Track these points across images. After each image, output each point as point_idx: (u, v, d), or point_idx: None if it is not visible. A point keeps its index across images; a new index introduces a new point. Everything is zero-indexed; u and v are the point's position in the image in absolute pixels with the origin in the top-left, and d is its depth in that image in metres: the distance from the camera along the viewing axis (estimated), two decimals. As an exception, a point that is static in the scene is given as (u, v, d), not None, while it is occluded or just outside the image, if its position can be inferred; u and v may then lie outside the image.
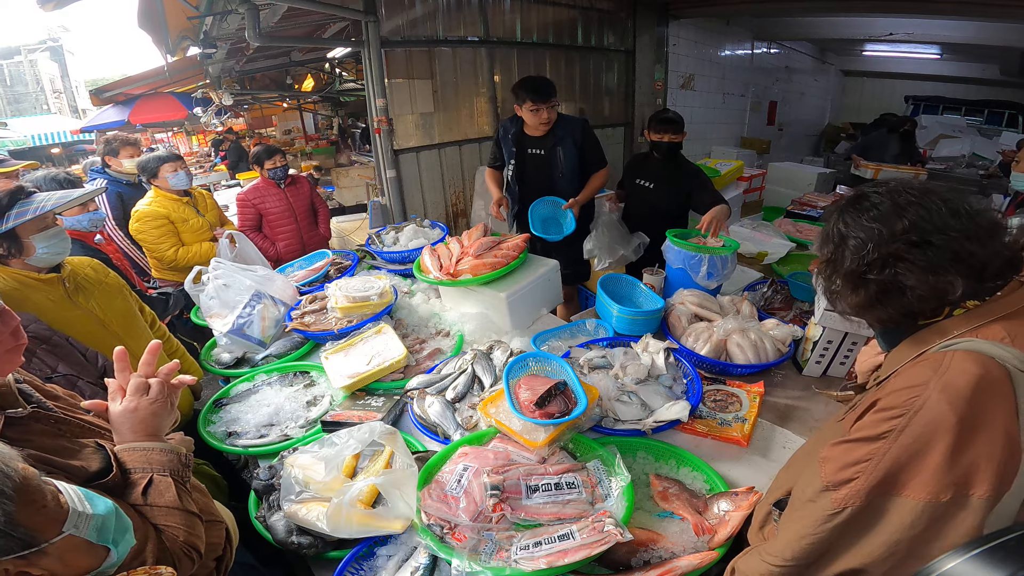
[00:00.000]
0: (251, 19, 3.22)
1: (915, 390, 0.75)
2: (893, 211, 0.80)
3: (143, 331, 1.78)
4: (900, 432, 0.74)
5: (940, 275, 0.77)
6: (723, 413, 1.53)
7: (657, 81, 5.62)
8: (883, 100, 8.97)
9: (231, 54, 5.56)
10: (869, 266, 0.82)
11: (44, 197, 1.44)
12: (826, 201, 3.65)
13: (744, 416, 1.51)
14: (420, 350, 1.92)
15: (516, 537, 1.08)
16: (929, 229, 0.77)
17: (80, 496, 0.69)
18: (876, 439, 0.76)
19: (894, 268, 0.80)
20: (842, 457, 0.80)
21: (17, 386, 0.91)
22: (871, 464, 0.75)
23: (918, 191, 0.81)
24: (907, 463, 0.73)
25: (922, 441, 0.73)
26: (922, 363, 0.78)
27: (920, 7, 4.63)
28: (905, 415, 0.74)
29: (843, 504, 0.77)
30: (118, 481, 0.86)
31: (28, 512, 0.61)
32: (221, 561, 1.00)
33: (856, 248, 0.83)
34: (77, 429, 0.93)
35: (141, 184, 3.03)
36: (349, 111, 10.25)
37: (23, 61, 23.76)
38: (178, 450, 0.94)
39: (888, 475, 0.74)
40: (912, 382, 0.77)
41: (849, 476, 0.77)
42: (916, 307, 0.82)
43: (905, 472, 0.74)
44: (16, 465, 0.62)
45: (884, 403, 0.79)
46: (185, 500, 0.89)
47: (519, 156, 2.71)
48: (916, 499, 0.73)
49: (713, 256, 2.06)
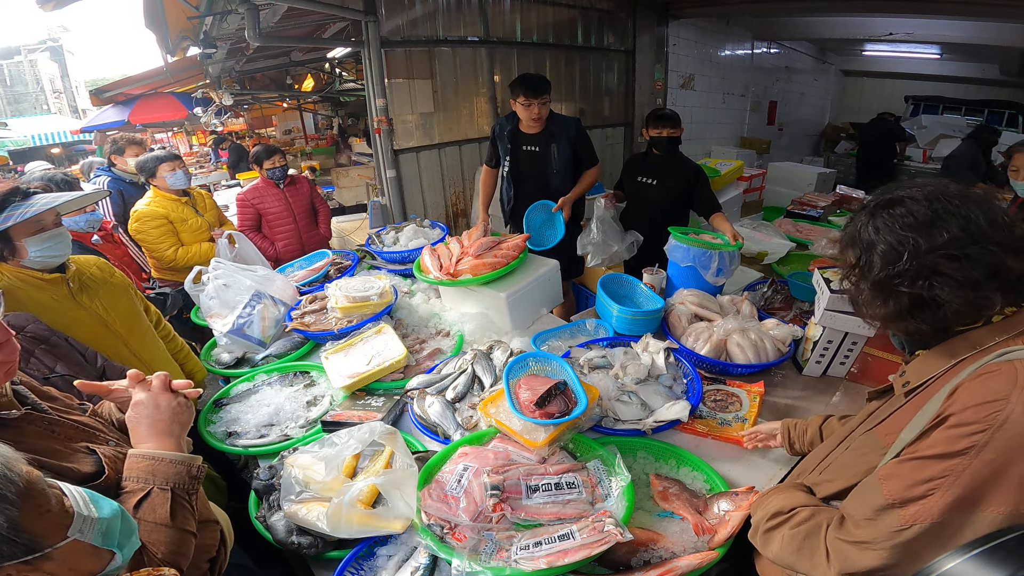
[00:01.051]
0: (251, 19, 3.23)
1: (996, 404, 0.71)
2: (931, 220, 0.76)
3: (147, 331, 1.78)
4: (982, 448, 0.71)
5: (978, 290, 0.74)
6: (723, 413, 1.53)
7: (657, 81, 5.63)
8: (883, 100, 8.98)
9: (231, 54, 5.56)
10: (901, 277, 0.78)
11: (34, 200, 1.42)
12: (826, 201, 3.64)
13: (744, 416, 1.51)
14: (420, 350, 1.92)
15: (516, 537, 1.08)
16: (967, 241, 0.74)
17: (85, 499, 0.68)
18: (954, 456, 0.72)
19: (929, 281, 0.76)
20: (911, 475, 0.75)
21: (13, 387, 0.91)
22: (948, 480, 0.72)
23: (958, 198, 0.77)
24: (988, 479, 0.70)
25: (1006, 454, 0.69)
26: (994, 376, 0.73)
27: (920, 7, 4.64)
28: (987, 430, 0.70)
29: (912, 521, 0.73)
30: (110, 484, 0.84)
31: (32, 517, 0.60)
32: (215, 563, 0.99)
33: (887, 256, 0.79)
34: (70, 431, 0.92)
35: (144, 185, 3.04)
36: (349, 111, 10.25)
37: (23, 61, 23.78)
38: (191, 462, 0.91)
39: (967, 491, 0.71)
40: (989, 396, 0.72)
41: (921, 493, 0.73)
42: (950, 322, 0.78)
43: (985, 487, 0.70)
44: (20, 468, 0.61)
45: (959, 419, 0.73)
46: (179, 517, 0.86)
47: (514, 152, 2.77)
48: (997, 512, 0.70)
49: (723, 252, 2.07)
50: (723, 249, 2.07)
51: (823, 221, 3.38)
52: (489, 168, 2.93)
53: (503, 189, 2.90)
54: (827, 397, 1.65)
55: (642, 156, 2.87)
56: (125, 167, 3.12)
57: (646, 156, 2.81)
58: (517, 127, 2.75)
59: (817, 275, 1.77)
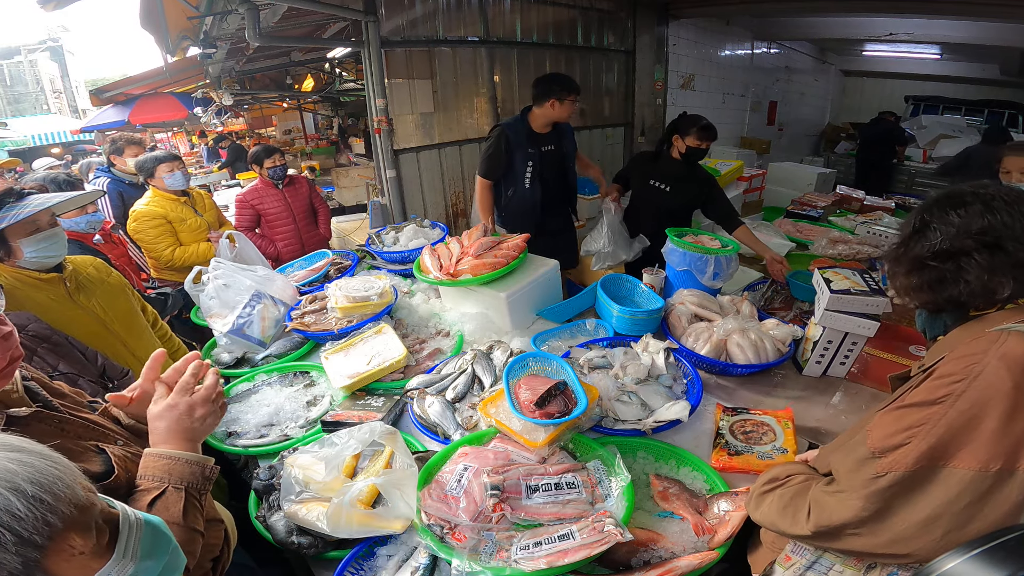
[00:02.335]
0: (251, 19, 3.22)
1: (974, 357, 0.76)
2: (979, 212, 0.82)
3: (144, 331, 1.78)
4: (958, 397, 0.74)
5: (996, 276, 0.80)
6: (759, 446, 1.38)
7: (657, 81, 5.62)
8: (883, 100, 8.97)
9: (231, 54, 5.56)
10: (935, 255, 0.85)
11: (28, 201, 1.42)
12: (826, 201, 3.64)
13: (783, 447, 1.38)
14: (420, 350, 1.91)
15: (516, 537, 1.08)
16: (1006, 236, 0.79)
17: (134, 549, 0.63)
18: (932, 403, 0.76)
19: (958, 262, 0.82)
20: (892, 423, 0.79)
21: (24, 383, 0.91)
22: (925, 429, 0.75)
23: (1013, 198, 0.82)
24: (960, 430, 0.73)
25: (979, 406, 0.73)
26: (979, 339, 0.79)
27: (920, 7, 4.64)
28: (964, 380, 0.75)
29: (888, 468, 0.76)
30: (120, 484, 0.84)
31: (57, 559, 0.57)
32: (218, 562, 1.00)
33: (931, 240, 0.85)
34: (80, 429, 0.92)
35: (143, 185, 3.04)
36: (349, 111, 10.25)
37: (23, 61, 23.79)
38: (205, 462, 0.92)
39: (940, 442, 0.74)
40: (970, 351, 0.77)
41: (899, 442, 0.77)
42: (963, 299, 0.85)
43: (957, 440, 0.73)
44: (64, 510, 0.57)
45: (941, 371, 0.79)
46: (190, 516, 0.87)
47: (535, 155, 2.70)
48: (966, 468, 0.72)
49: (719, 256, 2.06)
50: (719, 254, 2.07)
51: (823, 221, 3.38)
52: (488, 181, 2.74)
53: (525, 192, 2.74)
54: (827, 397, 1.65)
55: (653, 157, 2.81)
56: (125, 167, 3.12)
57: (658, 158, 2.75)
58: (531, 130, 2.69)
59: (817, 275, 1.77)
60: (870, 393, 1.65)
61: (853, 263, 2.59)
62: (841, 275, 1.72)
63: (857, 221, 3.18)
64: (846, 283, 1.67)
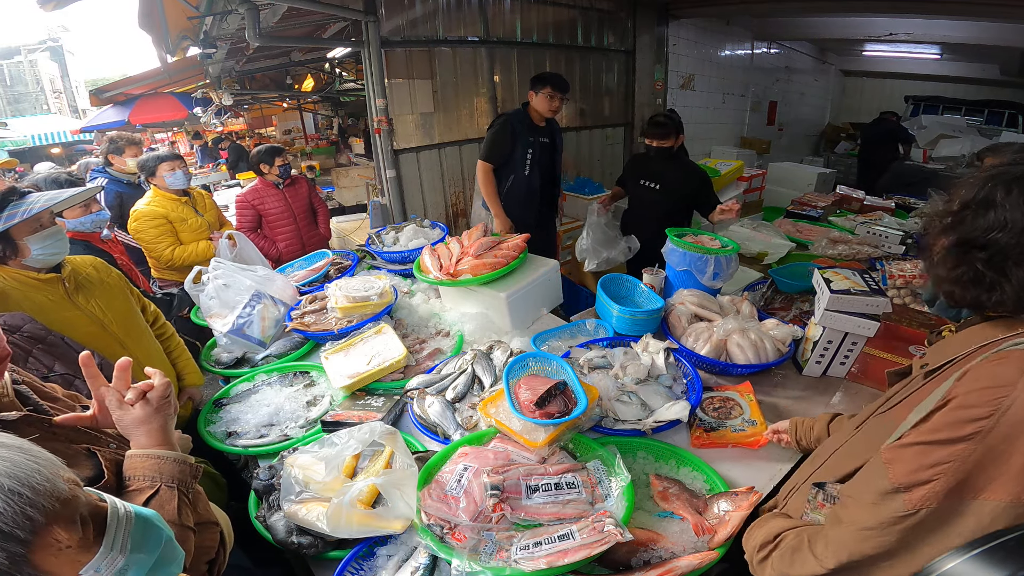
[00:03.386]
0: (251, 19, 3.22)
1: (1003, 390, 0.71)
2: None
3: (143, 332, 1.78)
4: (988, 433, 0.70)
5: None
6: (731, 420, 1.49)
7: (657, 81, 5.63)
8: (883, 100, 8.98)
9: (231, 54, 5.56)
10: (984, 247, 0.76)
11: (34, 198, 1.43)
12: (826, 201, 3.64)
13: (751, 418, 1.48)
14: (420, 350, 1.91)
15: (516, 537, 1.08)
16: None
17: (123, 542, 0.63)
18: (959, 441, 0.72)
19: (1007, 262, 0.75)
20: (916, 459, 0.75)
21: (14, 387, 0.91)
22: (954, 466, 0.72)
23: None
24: (991, 464, 0.70)
25: (1009, 441, 0.69)
26: (1003, 362, 0.73)
27: (920, 7, 4.64)
28: (993, 415, 0.70)
29: (919, 505, 0.73)
30: (110, 487, 0.84)
31: (43, 554, 0.56)
32: (214, 564, 0.99)
33: (991, 222, 0.76)
34: (72, 432, 0.92)
35: (140, 185, 3.03)
36: (349, 111, 10.25)
37: (23, 61, 23.78)
38: (189, 460, 0.92)
39: (970, 477, 0.71)
40: (997, 382, 0.71)
41: (927, 477, 0.73)
42: (987, 305, 0.79)
43: (987, 473, 0.70)
44: (44, 503, 0.56)
45: (963, 401, 0.73)
46: (183, 514, 0.87)
47: (535, 144, 2.95)
48: (998, 500, 0.70)
49: (719, 257, 2.06)
50: (719, 254, 2.07)
51: (823, 221, 3.38)
52: (489, 165, 2.94)
53: (523, 179, 2.99)
54: (827, 397, 1.65)
55: (644, 157, 2.85)
56: (123, 167, 3.12)
57: (648, 158, 2.79)
58: (531, 121, 2.93)
59: (817, 275, 1.77)
60: (870, 393, 1.65)
61: (853, 263, 2.59)
62: (841, 275, 1.73)
63: (857, 221, 3.18)
64: (846, 283, 1.67)
